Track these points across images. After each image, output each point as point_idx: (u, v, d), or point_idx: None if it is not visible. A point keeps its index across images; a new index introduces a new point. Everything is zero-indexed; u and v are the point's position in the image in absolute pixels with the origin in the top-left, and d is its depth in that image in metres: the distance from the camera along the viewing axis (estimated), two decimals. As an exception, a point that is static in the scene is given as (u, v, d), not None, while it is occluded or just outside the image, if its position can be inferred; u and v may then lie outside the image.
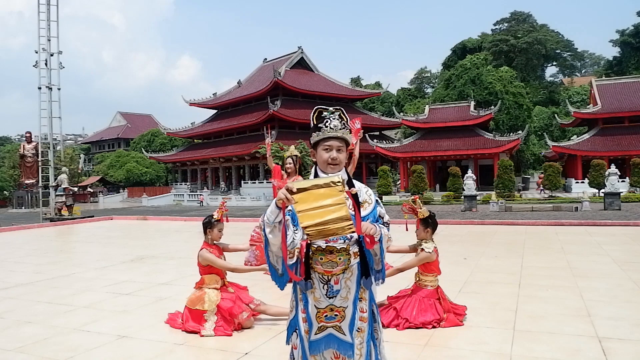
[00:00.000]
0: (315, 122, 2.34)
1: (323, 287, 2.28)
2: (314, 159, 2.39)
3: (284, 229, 2.19)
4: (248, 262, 6.30)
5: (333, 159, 2.30)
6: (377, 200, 2.41)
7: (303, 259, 2.28)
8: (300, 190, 2.04)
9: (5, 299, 5.90)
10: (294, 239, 2.27)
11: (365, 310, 2.36)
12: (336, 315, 2.31)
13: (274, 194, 5.66)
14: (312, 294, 2.30)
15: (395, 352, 3.78)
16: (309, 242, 2.25)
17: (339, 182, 2.03)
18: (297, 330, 2.39)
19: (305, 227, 2.08)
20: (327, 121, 2.32)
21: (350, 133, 2.37)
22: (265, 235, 2.26)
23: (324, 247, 2.25)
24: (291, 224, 2.27)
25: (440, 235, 4.94)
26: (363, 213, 2.28)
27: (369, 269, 2.32)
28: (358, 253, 2.30)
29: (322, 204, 2.02)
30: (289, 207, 2.15)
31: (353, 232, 2.11)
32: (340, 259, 2.26)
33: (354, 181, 2.39)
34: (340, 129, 2.31)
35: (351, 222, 2.07)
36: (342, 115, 2.36)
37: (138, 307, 5.35)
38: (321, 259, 2.26)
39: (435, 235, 4.64)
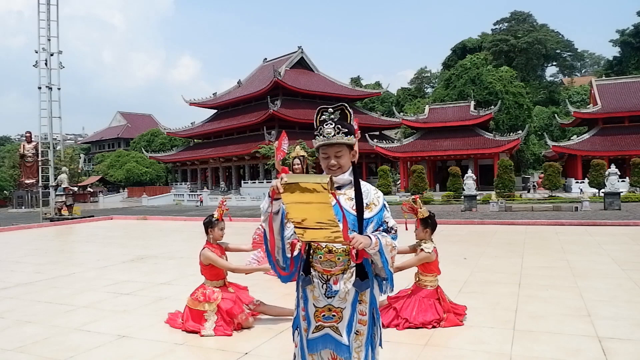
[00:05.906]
0: (316, 125, 2.32)
1: (322, 286, 2.26)
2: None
3: (271, 217, 2.21)
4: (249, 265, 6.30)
5: (331, 165, 2.28)
6: (384, 205, 2.35)
7: (304, 256, 2.29)
8: (289, 184, 2.05)
9: (5, 299, 5.90)
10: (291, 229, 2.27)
11: (365, 313, 2.31)
12: (334, 315, 2.28)
13: None
14: (312, 292, 2.29)
15: (395, 352, 3.78)
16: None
17: (326, 182, 2.02)
18: (298, 328, 2.40)
19: (291, 221, 2.09)
20: (321, 128, 2.28)
21: (349, 134, 2.28)
22: (263, 225, 2.29)
23: (323, 245, 2.23)
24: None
25: (440, 235, 4.94)
26: (367, 214, 2.26)
27: (366, 271, 2.27)
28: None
29: (308, 200, 2.03)
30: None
31: (341, 241, 2.07)
32: (339, 259, 2.23)
33: (363, 182, 2.34)
34: (333, 135, 2.24)
35: (339, 228, 2.04)
36: (345, 111, 2.30)
37: (138, 307, 5.35)
38: (320, 257, 2.25)
39: (435, 235, 4.64)
